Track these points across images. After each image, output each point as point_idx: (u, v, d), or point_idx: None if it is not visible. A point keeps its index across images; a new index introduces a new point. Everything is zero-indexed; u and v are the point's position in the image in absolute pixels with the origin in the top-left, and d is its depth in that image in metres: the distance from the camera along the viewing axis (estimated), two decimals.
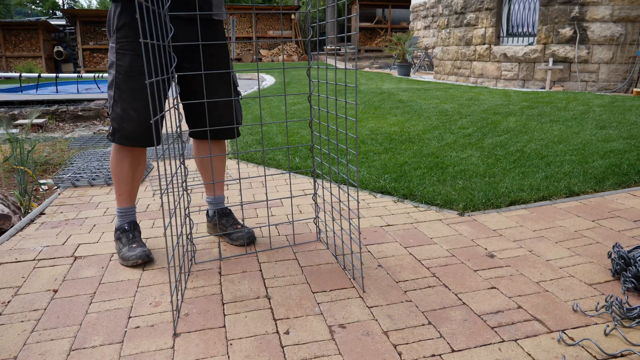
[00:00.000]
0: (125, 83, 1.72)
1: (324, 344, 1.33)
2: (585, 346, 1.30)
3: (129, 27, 1.70)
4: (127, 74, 1.72)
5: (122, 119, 1.75)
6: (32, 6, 38.50)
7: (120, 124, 1.76)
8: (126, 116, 1.75)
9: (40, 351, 1.32)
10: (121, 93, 1.74)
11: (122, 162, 1.88)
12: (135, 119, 1.75)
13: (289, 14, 22.55)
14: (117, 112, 1.76)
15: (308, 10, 1.87)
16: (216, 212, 2.05)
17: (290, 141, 3.96)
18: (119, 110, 1.75)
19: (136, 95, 1.73)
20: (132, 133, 1.77)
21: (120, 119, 1.75)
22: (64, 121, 6.47)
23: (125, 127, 1.76)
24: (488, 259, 1.84)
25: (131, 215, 1.96)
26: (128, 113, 1.74)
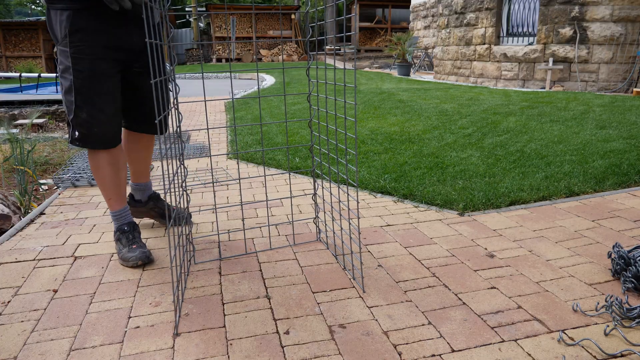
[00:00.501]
0: (87, 87, 1.71)
1: (324, 344, 1.33)
2: (585, 346, 1.30)
3: (85, 32, 1.68)
4: (88, 78, 1.71)
5: (91, 124, 1.75)
6: (32, 6, 38.50)
7: (89, 129, 1.76)
8: (94, 120, 1.74)
9: (40, 351, 1.32)
10: (84, 97, 1.72)
11: (102, 167, 1.86)
12: (105, 121, 1.76)
13: (288, 13, 22.56)
14: (82, 117, 1.74)
15: (307, 10, 1.87)
16: (151, 197, 2.17)
17: (290, 141, 3.96)
18: (84, 115, 1.74)
19: (103, 98, 1.74)
20: (105, 135, 1.78)
21: (88, 123, 1.75)
22: (64, 121, 6.47)
23: (96, 131, 1.76)
24: (488, 259, 1.84)
25: (127, 216, 1.95)
26: (96, 116, 1.74)
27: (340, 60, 17.36)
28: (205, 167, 3.33)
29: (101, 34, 1.71)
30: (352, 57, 14.34)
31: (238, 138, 4.23)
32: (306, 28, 1.84)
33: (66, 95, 1.74)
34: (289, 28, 22.98)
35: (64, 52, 1.70)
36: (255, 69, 1.76)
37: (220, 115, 5.95)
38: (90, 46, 1.70)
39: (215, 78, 13.27)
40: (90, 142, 1.78)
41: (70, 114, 1.76)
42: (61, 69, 1.74)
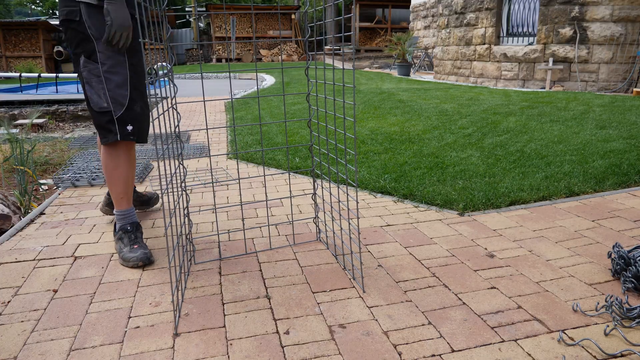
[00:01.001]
0: (141, 82, 1.79)
1: (324, 344, 1.33)
2: (585, 346, 1.30)
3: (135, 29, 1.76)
4: (141, 73, 1.78)
5: (142, 118, 1.81)
6: (32, 6, 38.50)
7: (141, 123, 1.81)
8: (144, 114, 1.83)
9: (40, 351, 1.32)
10: (138, 93, 1.79)
11: (125, 163, 1.86)
12: (148, 116, 1.86)
13: (288, 13, 22.56)
14: (137, 111, 1.79)
15: (306, 10, 1.87)
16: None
17: (290, 141, 3.96)
18: (138, 109, 1.80)
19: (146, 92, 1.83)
20: (147, 130, 1.88)
21: (141, 117, 1.81)
22: (64, 121, 6.47)
23: (144, 125, 1.83)
24: (488, 259, 1.84)
25: (132, 216, 1.96)
26: (144, 111, 1.83)
27: (340, 60, 17.36)
28: (205, 167, 3.33)
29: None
30: (351, 57, 14.33)
31: (238, 138, 4.23)
32: (305, 28, 1.84)
33: (119, 89, 1.76)
34: (289, 28, 22.98)
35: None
36: (254, 69, 1.76)
37: (220, 115, 5.95)
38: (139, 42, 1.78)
39: (215, 78, 13.27)
40: (141, 136, 1.83)
41: (120, 108, 1.77)
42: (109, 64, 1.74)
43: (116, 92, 1.75)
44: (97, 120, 1.79)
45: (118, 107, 1.76)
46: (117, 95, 1.75)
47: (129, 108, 1.77)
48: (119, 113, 1.76)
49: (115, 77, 1.74)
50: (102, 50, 1.73)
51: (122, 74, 1.74)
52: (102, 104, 1.76)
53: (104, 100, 1.75)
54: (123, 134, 1.78)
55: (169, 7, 21.72)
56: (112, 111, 1.76)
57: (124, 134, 1.78)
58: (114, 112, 1.76)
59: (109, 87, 1.74)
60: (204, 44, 19.31)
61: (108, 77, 1.74)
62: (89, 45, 1.73)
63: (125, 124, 1.77)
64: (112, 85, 1.74)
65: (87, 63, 1.75)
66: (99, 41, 1.72)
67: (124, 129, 1.77)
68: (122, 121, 1.77)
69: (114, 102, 1.75)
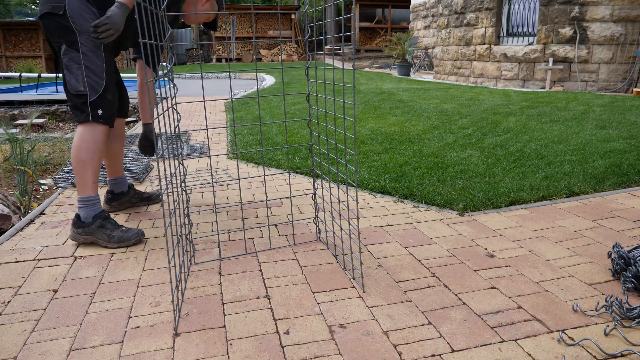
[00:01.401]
0: (110, 72, 2.00)
1: (324, 344, 1.33)
2: (585, 346, 1.30)
3: None
4: (109, 63, 1.99)
5: (112, 105, 2.02)
6: (32, 6, 38.48)
7: (111, 110, 2.01)
8: (115, 101, 2.05)
9: (40, 351, 1.32)
10: (110, 80, 1.99)
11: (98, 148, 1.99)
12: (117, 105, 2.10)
13: (288, 13, 22.56)
14: (108, 99, 2.00)
15: (306, 10, 1.87)
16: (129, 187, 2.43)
17: (290, 141, 3.96)
18: (110, 97, 2.00)
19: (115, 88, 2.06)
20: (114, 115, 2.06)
21: (111, 105, 2.01)
22: (64, 121, 6.47)
23: (113, 112, 2.03)
24: (488, 259, 1.84)
25: (99, 202, 2.05)
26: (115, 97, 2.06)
27: (340, 60, 17.36)
28: (205, 167, 3.33)
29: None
30: (351, 57, 14.34)
31: (238, 138, 4.23)
32: (305, 28, 1.84)
33: (95, 77, 1.96)
34: (289, 28, 22.98)
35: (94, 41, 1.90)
36: (254, 69, 1.76)
37: (220, 115, 5.95)
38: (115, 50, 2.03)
39: (215, 78, 13.27)
40: (109, 121, 2.01)
41: (94, 93, 1.96)
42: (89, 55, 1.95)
43: (93, 79, 1.95)
44: (73, 102, 1.98)
45: (93, 92, 1.95)
46: (93, 82, 1.95)
47: (101, 95, 1.97)
48: (93, 97, 1.95)
49: (92, 67, 1.95)
50: (84, 42, 1.93)
51: (99, 65, 1.96)
52: (79, 87, 1.95)
53: (81, 84, 1.95)
54: (94, 116, 1.96)
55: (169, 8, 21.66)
56: (87, 95, 1.95)
57: (95, 116, 1.96)
58: (89, 96, 1.95)
59: (86, 73, 1.94)
60: (204, 44, 19.30)
61: (87, 65, 1.94)
62: (71, 36, 1.93)
63: (97, 108, 1.96)
64: (89, 72, 1.95)
65: (68, 51, 1.94)
66: (81, 33, 1.92)
67: (95, 111, 1.96)
68: (95, 105, 1.96)
69: (90, 87, 1.95)
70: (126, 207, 2.47)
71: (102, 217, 1.99)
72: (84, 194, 1.99)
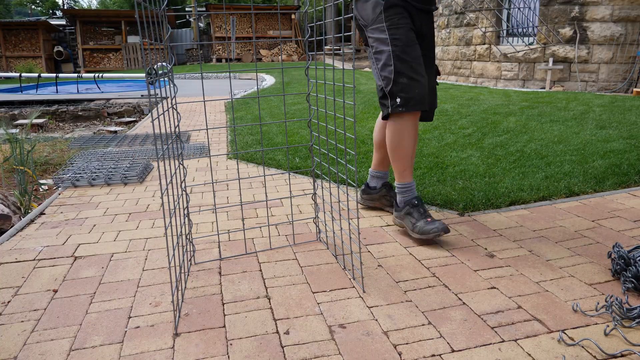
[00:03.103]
0: (406, 53, 1.89)
1: (324, 344, 1.33)
2: (585, 346, 1.30)
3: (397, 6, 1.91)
4: (405, 45, 1.89)
5: (410, 87, 1.90)
6: (32, 6, 38.49)
7: (410, 92, 1.90)
8: (415, 83, 1.90)
9: (40, 351, 1.32)
10: (403, 63, 1.89)
11: (409, 133, 1.97)
12: (423, 83, 1.92)
13: (288, 13, 22.55)
14: (403, 83, 1.89)
15: (306, 10, 1.87)
16: (384, 185, 2.33)
17: (290, 141, 3.96)
18: (405, 80, 1.89)
19: (418, 61, 1.91)
20: (423, 96, 1.92)
21: (409, 87, 1.90)
22: (64, 121, 6.47)
23: (417, 93, 1.91)
24: (488, 259, 1.84)
25: (414, 190, 2.05)
26: (416, 79, 1.91)
27: (340, 60, 17.35)
28: (205, 167, 3.33)
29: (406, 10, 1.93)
30: (351, 57, 14.33)
31: (238, 138, 4.23)
32: (305, 28, 1.85)
33: (383, 71, 1.93)
34: (289, 28, 22.98)
35: (378, 28, 1.92)
36: (254, 69, 1.76)
37: (220, 115, 5.95)
38: (403, 17, 1.91)
39: (215, 78, 13.27)
40: (411, 105, 1.91)
41: (388, 85, 1.92)
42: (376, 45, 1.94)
43: (384, 69, 1.92)
44: (379, 97, 1.99)
45: (386, 82, 1.93)
46: (384, 72, 1.92)
47: (394, 82, 1.90)
48: (388, 87, 1.92)
49: (381, 56, 1.92)
50: (370, 34, 1.96)
51: (385, 52, 1.90)
52: (378, 82, 1.96)
53: (378, 78, 1.96)
54: (393, 106, 1.93)
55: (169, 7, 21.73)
56: (384, 87, 1.94)
57: (393, 106, 1.93)
58: (385, 87, 1.94)
59: (378, 66, 1.94)
60: (204, 44, 19.31)
61: (377, 57, 1.95)
62: (363, 33, 2.01)
63: (394, 97, 1.92)
64: (380, 64, 1.93)
65: (367, 49, 2.01)
66: (367, 28, 1.96)
67: (393, 101, 1.92)
68: (392, 95, 1.92)
69: (384, 79, 1.93)
70: (376, 207, 2.39)
71: (411, 205, 1.99)
72: (400, 180, 2.04)
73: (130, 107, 6.78)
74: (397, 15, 1.91)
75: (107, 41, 21.55)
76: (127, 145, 4.21)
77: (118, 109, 6.72)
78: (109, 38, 21.66)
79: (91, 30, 21.45)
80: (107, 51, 21.37)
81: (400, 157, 2.01)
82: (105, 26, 21.66)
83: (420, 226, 1.92)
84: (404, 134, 1.98)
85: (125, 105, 6.82)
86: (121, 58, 21.25)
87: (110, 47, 21.28)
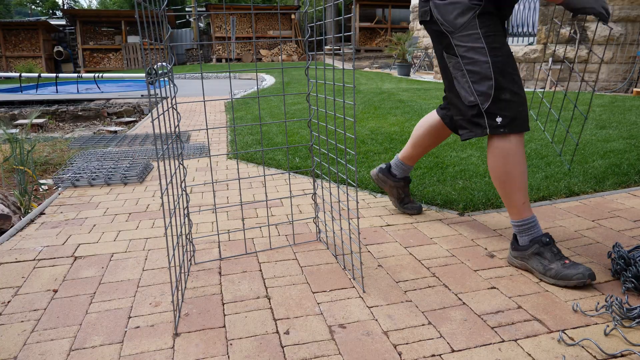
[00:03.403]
0: (508, 65, 1.65)
1: (324, 344, 1.33)
2: (585, 346, 1.30)
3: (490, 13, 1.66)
4: (507, 56, 1.66)
5: (517, 103, 1.65)
6: (32, 6, 38.49)
7: (516, 110, 1.65)
8: (519, 99, 1.65)
9: (40, 351, 1.32)
10: (506, 77, 1.64)
11: (519, 159, 1.67)
12: (524, 100, 1.67)
13: (288, 13, 22.56)
14: (506, 99, 1.64)
15: (306, 10, 1.87)
16: (404, 178, 2.28)
17: (290, 141, 3.96)
18: (508, 95, 1.64)
19: (518, 74, 1.68)
20: (526, 114, 1.67)
21: (515, 104, 1.64)
22: (64, 121, 6.47)
23: (522, 111, 1.66)
24: (488, 259, 1.84)
25: (538, 224, 1.74)
26: (519, 94, 1.66)
27: (340, 60, 17.35)
28: (205, 167, 3.34)
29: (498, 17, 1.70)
30: (351, 57, 14.34)
31: (238, 138, 4.23)
32: (305, 28, 1.84)
33: (479, 85, 1.66)
34: (289, 28, 22.98)
35: (471, 35, 1.65)
36: (255, 69, 1.76)
37: (220, 115, 5.95)
38: (497, 24, 1.68)
39: (215, 78, 13.27)
40: (517, 125, 1.65)
41: (486, 102, 1.66)
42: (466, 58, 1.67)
43: (480, 83, 1.66)
44: (465, 115, 1.73)
45: (484, 99, 1.66)
46: (481, 87, 1.66)
47: (495, 98, 1.65)
48: (485, 105, 1.66)
49: (476, 68, 1.66)
50: (459, 42, 1.68)
51: (482, 63, 1.65)
52: (469, 97, 1.69)
53: (470, 93, 1.69)
54: (492, 127, 1.67)
55: (169, 7, 21.77)
56: (479, 104, 1.68)
57: (492, 126, 1.67)
58: (481, 105, 1.67)
59: (472, 79, 1.68)
60: (204, 44, 19.31)
61: (470, 69, 1.68)
62: (444, 39, 1.72)
63: (494, 117, 1.66)
64: (475, 77, 1.67)
65: (449, 57, 1.73)
66: (453, 34, 1.68)
67: (492, 121, 1.66)
68: (490, 114, 1.66)
69: (480, 94, 1.66)
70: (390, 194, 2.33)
71: (541, 243, 1.67)
72: (514, 217, 1.73)
73: (130, 107, 6.78)
74: (492, 21, 1.66)
75: (107, 41, 21.56)
76: (127, 145, 4.21)
77: (118, 109, 6.72)
78: (109, 38, 21.67)
79: (91, 30, 21.45)
80: (107, 51, 21.37)
81: (515, 189, 1.70)
82: (105, 26, 21.66)
83: (558, 270, 1.61)
84: (513, 160, 1.67)
85: (125, 105, 6.82)
86: (121, 58, 21.25)
87: (110, 47, 21.29)
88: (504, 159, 1.68)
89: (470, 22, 1.65)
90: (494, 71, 1.64)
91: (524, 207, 1.71)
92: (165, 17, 1.66)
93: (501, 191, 1.74)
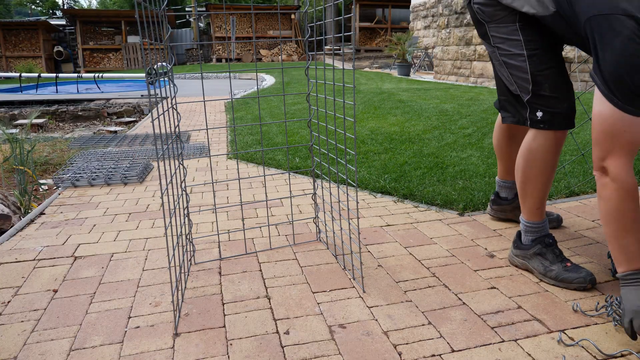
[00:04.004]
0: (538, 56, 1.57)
1: (324, 344, 1.33)
2: (585, 346, 1.30)
3: None
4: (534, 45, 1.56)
5: (554, 102, 1.58)
6: (32, 6, 38.49)
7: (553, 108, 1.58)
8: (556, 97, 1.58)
9: (40, 351, 1.32)
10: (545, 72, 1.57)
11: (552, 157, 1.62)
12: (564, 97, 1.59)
13: (288, 13, 22.56)
14: (545, 96, 1.58)
15: (306, 10, 1.87)
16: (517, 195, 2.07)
17: (289, 141, 3.96)
18: (547, 92, 1.57)
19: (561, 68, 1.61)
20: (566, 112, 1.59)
21: (551, 102, 1.58)
22: (64, 121, 6.47)
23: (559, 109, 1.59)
24: (488, 259, 1.84)
25: (547, 228, 1.72)
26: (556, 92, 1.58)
27: (340, 60, 17.36)
28: (205, 167, 3.34)
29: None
30: (351, 57, 14.34)
31: (238, 138, 4.23)
32: (305, 28, 1.84)
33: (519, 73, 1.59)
34: (289, 28, 22.98)
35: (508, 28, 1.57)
36: (255, 69, 1.76)
37: (220, 115, 5.95)
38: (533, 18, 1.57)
39: (215, 78, 13.28)
40: (555, 123, 1.59)
41: (526, 94, 1.61)
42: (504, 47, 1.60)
43: (518, 75, 1.61)
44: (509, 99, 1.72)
45: (524, 91, 1.61)
46: (519, 79, 1.61)
47: (534, 93, 1.59)
48: (526, 97, 1.62)
49: (512, 60, 1.60)
50: (494, 33, 1.62)
51: (518, 55, 1.58)
52: (512, 86, 1.66)
53: (511, 83, 1.65)
54: (533, 120, 1.62)
55: (169, 7, 21.76)
56: (521, 95, 1.63)
57: (533, 120, 1.62)
58: (522, 96, 1.63)
59: (510, 71, 1.62)
60: (204, 44, 19.31)
61: (505, 61, 1.62)
62: (481, 28, 1.67)
63: (535, 110, 1.60)
64: (512, 69, 1.61)
65: (486, 45, 1.68)
66: (489, 24, 1.62)
67: (533, 115, 1.61)
68: (532, 107, 1.61)
69: (519, 86, 1.62)
70: (508, 219, 2.16)
71: (544, 244, 1.66)
72: (524, 215, 1.71)
73: (130, 107, 6.78)
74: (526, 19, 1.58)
75: (107, 41, 21.56)
76: (127, 145, 4.21)
77: (118, 109, 6.72)
78: (109, 38, 21.68)
79: (91, 30, 21.46)
80: (107, 51, 21.38)
81: (536, 189, 1.66)
82: (105, 26, 21.67)
83: (558, 272, 1.59)
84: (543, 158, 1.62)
85: (125, 105, 6.82)
86: (121, 58, 21.25)
87: (110, 47, 21.30)
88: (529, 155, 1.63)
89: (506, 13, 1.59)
90: (530, 63, 1.57)
91: (537, 212, 1.69)
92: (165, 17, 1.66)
93: (520, 188, 1.70)
